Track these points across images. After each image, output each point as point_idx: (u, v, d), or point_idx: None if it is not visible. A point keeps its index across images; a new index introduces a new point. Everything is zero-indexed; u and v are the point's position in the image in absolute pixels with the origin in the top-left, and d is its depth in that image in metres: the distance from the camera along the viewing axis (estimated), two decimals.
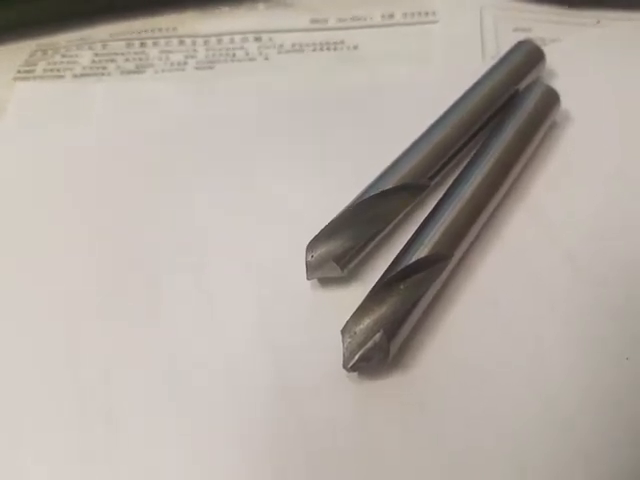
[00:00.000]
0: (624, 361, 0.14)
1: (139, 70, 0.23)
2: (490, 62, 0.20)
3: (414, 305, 0.14)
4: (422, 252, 0.15)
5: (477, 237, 0.16)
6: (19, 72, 0.23)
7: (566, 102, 0.19)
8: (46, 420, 0.14)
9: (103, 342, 0.15)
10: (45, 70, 0.23)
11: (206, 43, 0.24)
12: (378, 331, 0.14)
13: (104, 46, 0.24)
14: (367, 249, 0.16)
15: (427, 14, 0.24)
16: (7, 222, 0.18)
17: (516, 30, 0.23)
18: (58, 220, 0.18)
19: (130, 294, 0.16)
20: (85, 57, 0.23)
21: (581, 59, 0.21)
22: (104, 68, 0.23)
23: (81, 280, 0.17)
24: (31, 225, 0.18)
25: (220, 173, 0.19)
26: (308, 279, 0.16)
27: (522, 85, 0.19)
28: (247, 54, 0.23)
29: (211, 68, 0.23)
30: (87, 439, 0.14)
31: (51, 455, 0.14)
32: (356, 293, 0.15)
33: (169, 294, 0.16)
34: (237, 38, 0.24)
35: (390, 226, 0.16)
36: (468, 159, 0.17)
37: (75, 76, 0.23)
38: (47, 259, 0.17)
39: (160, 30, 0.24)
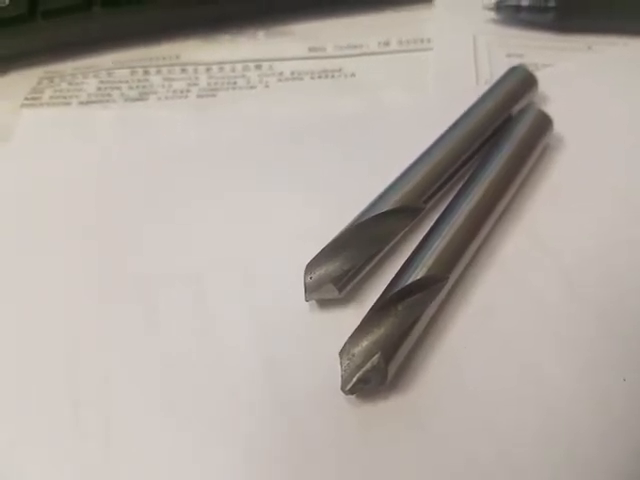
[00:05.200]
0: (621, 382, 0.14)
1: (142, 97, 0.23)
2: (484, 87, 0.20)
3: (411, 327, 0.14)
4: (418, 274, 0.15)
5: (473, 259, 0.17)
6: (26, 99, 0.23)
7: (559, 126, 0.19)
8: (42, 434, 0.14)
9: (100, 356, 0.16)
10: (52, 97, 0.23)
11: (208, 71, 0.24)
12: (376, 353, 0.14)
13: (109, 74, 0.24)
14: (364, 271, 0.16)
15: (422, 41, 0.24)
16: (14, 242, 0.18)
17: (509, 56, 0.23)
18: (63, 240, 0.18)
19: (128, 309, 0.16)
20: (91, 85, 0.24)
21: (573, 84, 0.22)
22: (109, 95, 0.23)
23: (81, 294, 0.17)
24: (37, 245, 0.18)
25: (221, 196, 0.19)
26: (306, 300, 0.16)
27: (515, 110, 0.19)
28: (248, 82, 0.24)
29: (213, 96, 0.23)
30: (83, 454, 0.14)
31: (46, 469, 0.14)
32: (354, 315, 0.15)
33: (168, 312, 0.16)
34: (238, 66, 0.24)
35: (387, 248, 0.17)
36: (462, 182, 0.18)
37: (81, 103, 0.23)
38: (50, 280, 0.17)
39: (163, 58, 0.25)
